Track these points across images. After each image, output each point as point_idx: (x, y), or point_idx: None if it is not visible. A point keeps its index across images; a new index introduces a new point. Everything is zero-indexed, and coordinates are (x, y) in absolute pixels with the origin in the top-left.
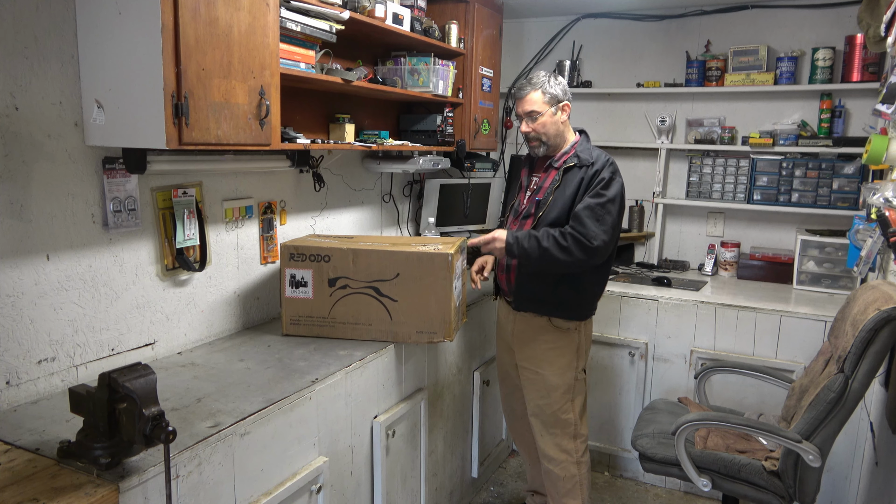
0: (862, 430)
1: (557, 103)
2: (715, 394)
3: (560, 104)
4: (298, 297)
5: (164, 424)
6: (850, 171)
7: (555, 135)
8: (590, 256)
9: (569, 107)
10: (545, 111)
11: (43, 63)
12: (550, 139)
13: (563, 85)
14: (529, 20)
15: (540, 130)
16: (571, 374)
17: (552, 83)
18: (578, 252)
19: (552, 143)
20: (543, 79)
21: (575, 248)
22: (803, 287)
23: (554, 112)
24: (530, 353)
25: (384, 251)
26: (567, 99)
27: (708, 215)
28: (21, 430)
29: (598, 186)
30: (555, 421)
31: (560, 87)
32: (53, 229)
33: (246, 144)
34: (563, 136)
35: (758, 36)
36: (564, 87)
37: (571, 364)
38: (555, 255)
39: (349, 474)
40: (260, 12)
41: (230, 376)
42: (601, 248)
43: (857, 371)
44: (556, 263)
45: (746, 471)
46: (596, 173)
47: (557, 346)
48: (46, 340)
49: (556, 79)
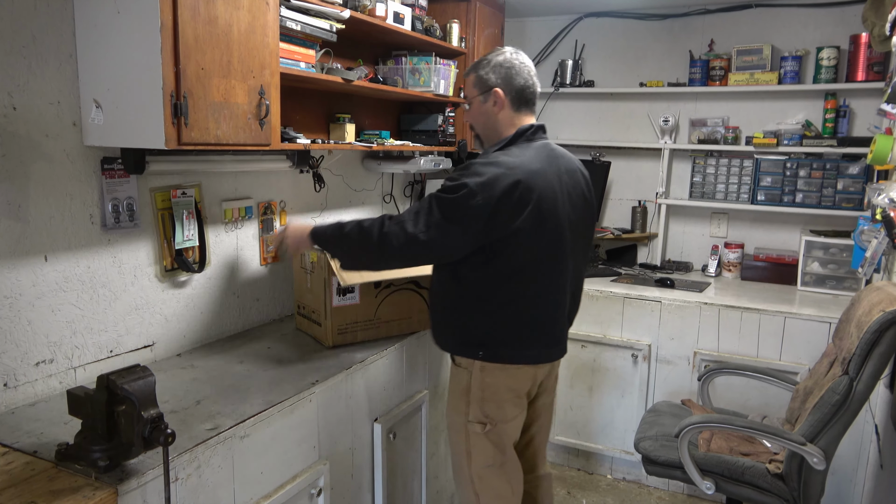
0: (867, 433)
1: (488, 89)
2: (718, 396)
3: (490, 90)
4: (346, 304)
5: (163, 427)
6: (854, 172)
7: (484, 128)
8: (379, 241)
9: (502, 96)
10: (474, 97)
11: (41, 62)
12: (480, 132)
13: (506, 66)
14: (531, 19)
15: (471, 120)
16: (461, 421)
17: (490, 64)
18: (373, 234)
19: (484, 137)
20: (488, 58)
21: (373, 229)
22: (807, 288)
23: (483, 100)
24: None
25: None
26: (501, 85)
27: (711, 216)
28: (19, 432)
29: (439, 188)
30: (455, 470)
31: (499, 69)
32: (51, 230)
33: (245, 144)
34: (497, 130)
35: (762, 35)
36: (507, 70)
37: (459, 408)
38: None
39: (350, 477)
40: (260, 11)
41: (229, 378)
42: (392, 234)
43: (861, 373)
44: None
45: (750, 473)
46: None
47: (451, 382)
48: (44, 342)
49: (501, 57)
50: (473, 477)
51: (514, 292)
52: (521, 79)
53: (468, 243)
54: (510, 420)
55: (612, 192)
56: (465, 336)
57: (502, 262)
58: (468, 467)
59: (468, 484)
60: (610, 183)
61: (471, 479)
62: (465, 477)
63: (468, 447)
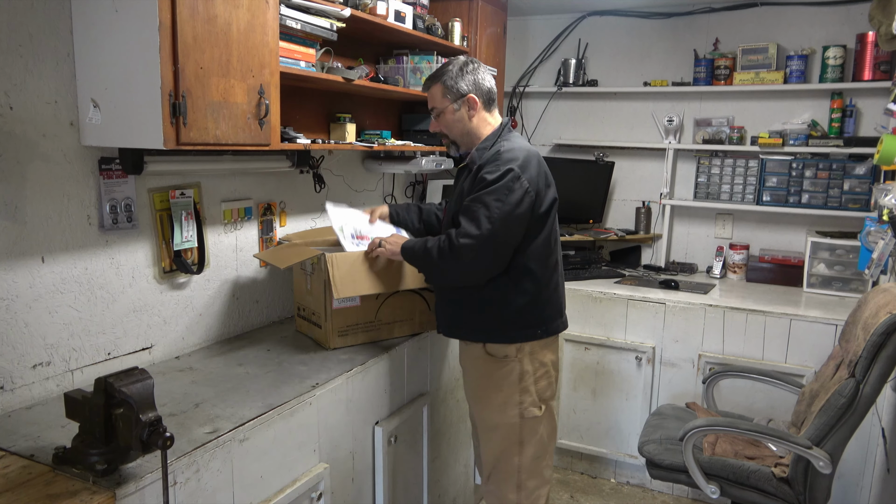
0: (873, 436)
1: (460, 97)
2: (723, 399)
3: (463, 98)
4: (346, 306)
5: (161, 430)
6: (861, 172)
7: (462, 133)
8: (455, 256)
9: (476, 101)
10: (445, 107)
11: (38, 61)
12: (458, 138)
13: (476, 75)
14: (534, 17)
15: (445, 129)
16: (514, 413)
17: (454, 73)
18: (449, 254)
19: (460, 142)
20: (449, 70)
21: (446, 248)
22: (813, 290)
23: (457, 108)
24: (467, 387)
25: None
26: (473, 91)
27: (716, 217)
28: (15, 435)
29: (478, 185)
30: (494, 467)
31: (465, 77)
32: (48, 231)
33: (245, 144)
34: (475, 133)
35: (767, 34)
36: (476, 79)
37: (511, 400)
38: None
39: (350, 481)
40: (259, 10)
41: (229, 381)
42: (466, 246)
43: (868, 376)
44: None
45: (756, 477)
46: (478, 172)
47: (492, 379)
48: (41, 344)
49: (469, 68)
50: (523, 469)
51: (549, 263)
52: (488, 81)
53: (524, 224)
54: (554, 397)
55: (615, 193)
56: (525, 320)
57: (543, 236)
58: (519, 458)
59: (512, 477)
60: (613, 183)
61: (518, 470)
62: (510, 471)
63: (521, 437)
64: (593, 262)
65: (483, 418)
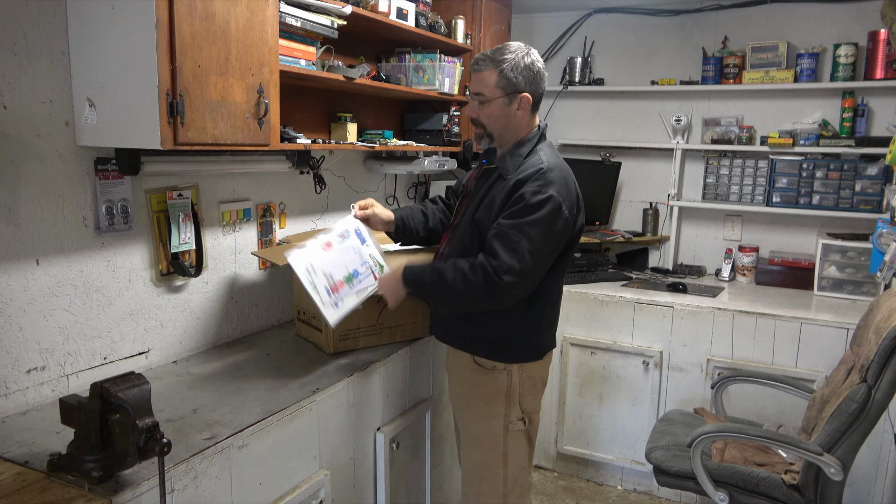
0: (886, 443)
1: (515, 92)
2: (732, 404)
3: (518, 95)
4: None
5: (158, 436)
6: (873, 173)
7: (502, 130)
8: (495, 296)
9: (528, 100)
10: (495, 97)
11: (32, 60)
12: (496, 133)
13: (534, 70)
14: (539, 15)
15: (484, 120)
16: (498, 424)
17: (517, 65)
18: (485, 290)
19: (497, 137)
20: (509, 58)
21: (483, 285)
22: (824, 293)
23: (507, 103)
24: (453, 393)
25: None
26: (529, 90)
27: (725, 218)
28: (9, 441)
29: (517, 205)
30: (479, 477)
31: (528, 73)
32: (43, 233)
33: (244, 144)
34: (515, 132)
35: (777, 32)
36: (535, 75)
37: (497, 412)
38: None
39: (351, 488)
40: (258, 7)
41: (227, 386)
42: (511, 285)
43: (880, 381)
44: (455, 299)
45: (765, 484)
46: (516, 187)
47: (479, 389)
48: (36, 349)
49: (528, 59)
50: (508, 479)
51: (560, 284)
52: (543, 84)
53: (557, 255)
54: (539, 409)
55: (622, 194)
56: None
57: (564, 262)
58: (504, 470)
59: (499, 487)
60: (620, 184)
61: (504, 482)
62: (496, 482)
63: (506, 449)
64: (600, 265)
65: (467, 426)
